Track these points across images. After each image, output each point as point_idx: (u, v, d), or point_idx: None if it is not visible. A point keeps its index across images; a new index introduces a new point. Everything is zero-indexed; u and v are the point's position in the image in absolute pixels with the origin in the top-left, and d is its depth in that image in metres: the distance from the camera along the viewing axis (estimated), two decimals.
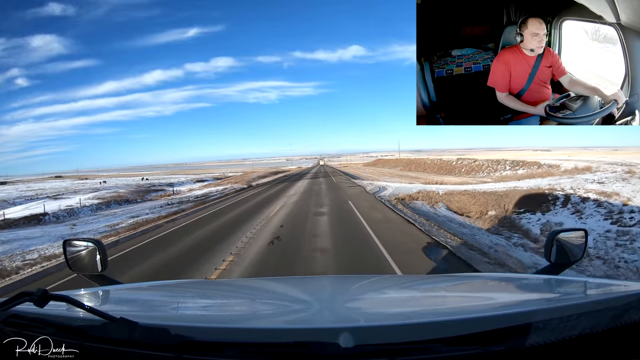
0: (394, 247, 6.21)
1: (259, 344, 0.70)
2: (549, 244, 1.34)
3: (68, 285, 4.77)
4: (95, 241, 1.41)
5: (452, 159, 40.44)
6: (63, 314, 0.81)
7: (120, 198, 24.97)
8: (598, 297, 0.95)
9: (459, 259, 5.43)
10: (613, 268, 5.98)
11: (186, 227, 9.85)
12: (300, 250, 6.36)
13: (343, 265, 5.36)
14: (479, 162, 32.27)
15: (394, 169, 46.63)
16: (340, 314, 1.01)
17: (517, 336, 0.69)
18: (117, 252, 7.15)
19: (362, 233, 7.59)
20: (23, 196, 34.14)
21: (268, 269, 5.29)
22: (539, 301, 1.07)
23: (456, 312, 0.97)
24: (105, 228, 11.19)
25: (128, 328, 0.70)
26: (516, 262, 5.56)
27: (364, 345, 0.67)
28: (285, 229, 8.47)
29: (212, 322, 0.89)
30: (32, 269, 6.10)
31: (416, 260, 5.49)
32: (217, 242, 7.34)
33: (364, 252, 6.02)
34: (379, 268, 5.03)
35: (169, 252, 6.87)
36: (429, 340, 0.69)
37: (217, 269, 5.39)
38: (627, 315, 0.71)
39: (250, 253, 6.27)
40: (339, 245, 6.62)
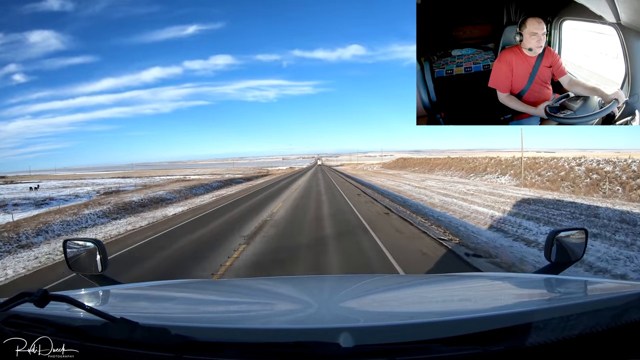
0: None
1: (259, 344, 0.70)
2: (549, 243, 1.34)
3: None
4: (95, 241, 1.41)
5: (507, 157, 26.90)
6: (63, 314, 0.81)
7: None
8: (598, 296, 0.95)
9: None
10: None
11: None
12: None
13: None
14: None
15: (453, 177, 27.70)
16: (340, 314, 1.01)
17: (517, 336, 0.69)
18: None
19: None
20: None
21: None
22: (539, 301, 1.07)
23: (456, 312, 0.97)
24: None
25: (128, 328, 0.71)
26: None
27: (364, 345, 0.67)
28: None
29: (212, 322, 0.89)
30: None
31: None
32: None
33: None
34: None
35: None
36: (429, 340, 0.69)
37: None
38: (627, 315, 0.71)
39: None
40: None
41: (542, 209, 10.85)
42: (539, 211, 10.42)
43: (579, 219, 9.21)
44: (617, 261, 5.58)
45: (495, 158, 28.17)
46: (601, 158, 18.04)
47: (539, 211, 10.43)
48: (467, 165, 29.75)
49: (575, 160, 18.74)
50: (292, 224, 8.51)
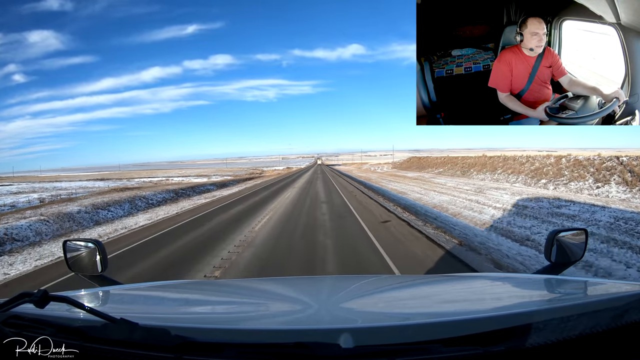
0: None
1: (259, 345, 0.70)
2: (549, 243, 1.34)
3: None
4: (95, 241, 1.41)
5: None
6: (63, 314, 0.81)
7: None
8: (598, 297, 0.95)
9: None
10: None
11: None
12: None
13: None
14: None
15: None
16: (340, 314, 1.01)
17: (518, 336, 0.69)
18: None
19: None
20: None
21: None
22: (539, 301, 1.07)
23: (456, 313, 0.97)
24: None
25: (128, 329, 0.71)
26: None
27: (364, 346, 0.67)
28: None
29: (212, 323, 0.89)
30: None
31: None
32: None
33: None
34: None
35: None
36: (429, 341, 0.69)
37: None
38: (627, 315, 0.71)
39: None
40: None
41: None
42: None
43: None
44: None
45: (556, 156, 19.14)
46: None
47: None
48: (520, 167, 20.81)
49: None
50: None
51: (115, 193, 17.83)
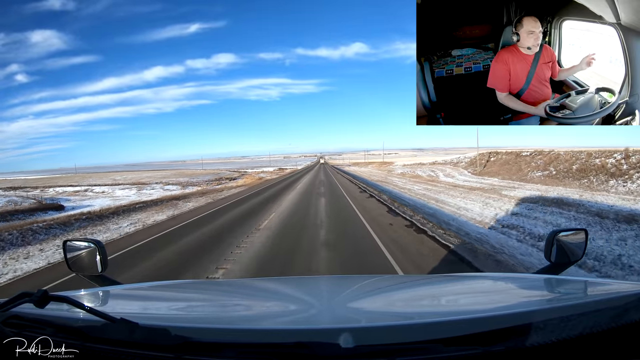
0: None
1: (259, 345, 0.70)
2: (549, 243, 1.34)
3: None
4: (95, 241, 1.41)
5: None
6: (63, 314, 0.81)
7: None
8: (598, 297, 0.95)
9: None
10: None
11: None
12: None
13: None
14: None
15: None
16: (340, 314, 1.01)
17: (518, 336, 0.69)
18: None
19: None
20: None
21: None
22: (539, 301, 1.07)
23: (456, 312, 0.97)
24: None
25: (128, 329, 0.70)
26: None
27: (365, 346, 0.67)
28: None
29: (212, 323, 0.89)
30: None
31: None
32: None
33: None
34: None
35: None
36: (429, 341, 0.69)
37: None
38: (627, 315, 0.71)
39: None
40: None
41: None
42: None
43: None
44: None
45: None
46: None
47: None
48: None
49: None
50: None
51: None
